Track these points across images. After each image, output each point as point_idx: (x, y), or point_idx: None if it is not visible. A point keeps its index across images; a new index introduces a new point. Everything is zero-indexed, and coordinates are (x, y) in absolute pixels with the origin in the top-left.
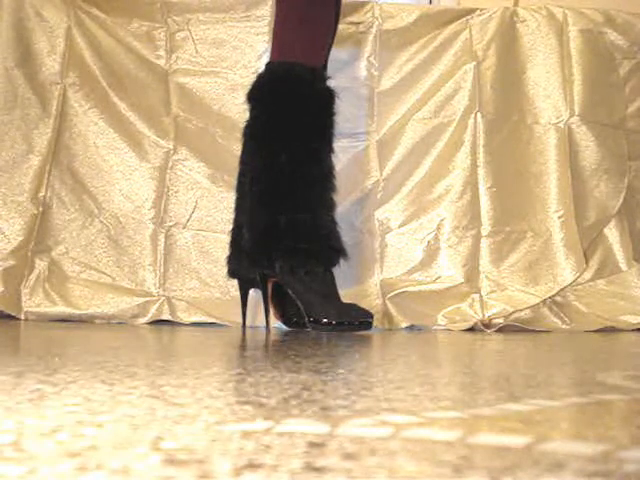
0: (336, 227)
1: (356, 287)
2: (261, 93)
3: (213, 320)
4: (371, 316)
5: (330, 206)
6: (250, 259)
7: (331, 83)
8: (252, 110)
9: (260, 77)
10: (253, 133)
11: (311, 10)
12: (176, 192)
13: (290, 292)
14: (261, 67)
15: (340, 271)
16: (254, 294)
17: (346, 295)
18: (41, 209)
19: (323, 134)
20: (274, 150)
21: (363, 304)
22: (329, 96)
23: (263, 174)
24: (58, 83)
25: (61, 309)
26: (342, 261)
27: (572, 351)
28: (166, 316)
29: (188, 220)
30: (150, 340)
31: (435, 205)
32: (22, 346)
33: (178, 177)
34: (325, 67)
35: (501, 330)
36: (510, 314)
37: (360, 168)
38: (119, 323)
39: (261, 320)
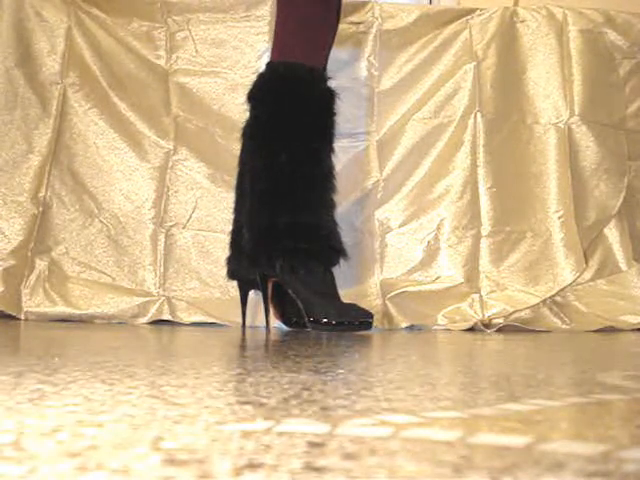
0: (336, 227)
1: (356, 287)
2: (261, 93)
3: (213, 320)
4: (371, 316)
5: (330, 206)
6: (250, 259)
7: (331, 83)
8: (252, 110)
9: (260, 77)
10: (253, 133)
11: (312, 10)
12: (176, 192)
13: (290, 292)
14: (261, 67)
15: (340, 271)
16: (254, 294)
17: (346, 295)
18: (41, 209)
19: (323, 134)
20: (274, 150)
21: (363, 304)
22: (329, 96)
23: (263, 174)
24: (58, 83)
25: (61, 309)
26: (342, 261)
27: (572, 351)
28: (166, 316)
29: (188, 220)
30: (150, 340)
31: (435, 205)
32: (22, 346)
33: (178, 177)
34: (325, 67)
35: (501, 330)
36: (510, 314)
37: (360, 168)
38: (119, 323)
39: (261, 320)
